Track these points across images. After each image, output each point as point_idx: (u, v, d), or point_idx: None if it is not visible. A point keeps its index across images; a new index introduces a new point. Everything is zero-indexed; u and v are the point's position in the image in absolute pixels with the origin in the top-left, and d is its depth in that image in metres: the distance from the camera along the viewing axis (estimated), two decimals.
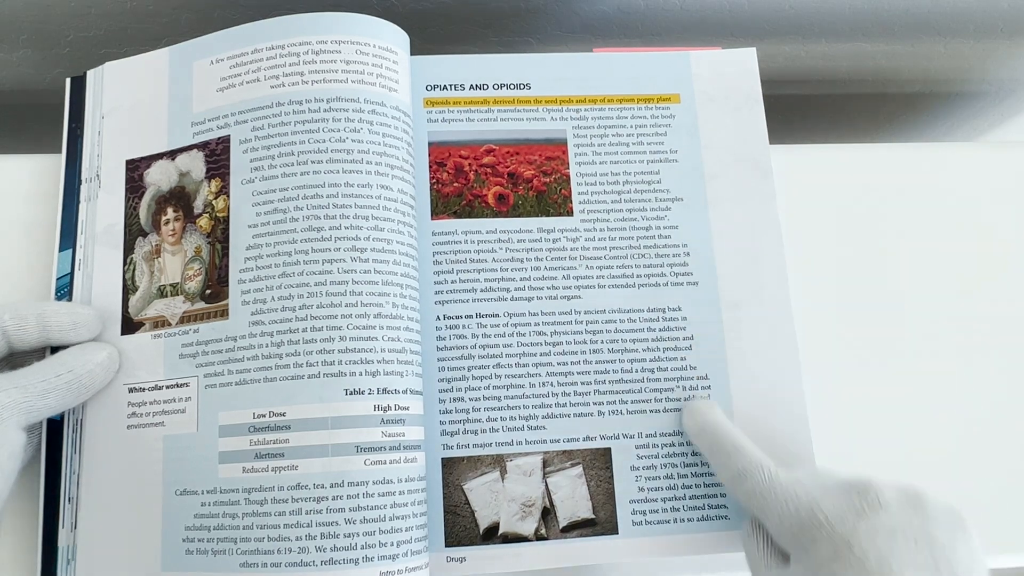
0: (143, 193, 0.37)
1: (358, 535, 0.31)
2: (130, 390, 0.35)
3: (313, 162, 0.34)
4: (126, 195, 0.37)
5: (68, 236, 0.37)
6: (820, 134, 0.66)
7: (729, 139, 0.40)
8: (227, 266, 0.34)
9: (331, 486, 0.31)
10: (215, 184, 0.36)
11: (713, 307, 0.38)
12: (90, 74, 0.39)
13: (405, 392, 0.33)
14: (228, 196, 0.35)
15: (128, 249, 0.37)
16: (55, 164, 0.39)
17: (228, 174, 0.35)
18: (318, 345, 0.32)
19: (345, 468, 0.31)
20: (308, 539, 0.31)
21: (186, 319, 0.35)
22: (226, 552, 0.32)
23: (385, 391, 0.32)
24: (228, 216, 0.35)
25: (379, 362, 0.33)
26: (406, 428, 0.33)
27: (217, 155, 0.36)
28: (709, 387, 0.37)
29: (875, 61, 0.56)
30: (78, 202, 0.38)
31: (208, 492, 0.33)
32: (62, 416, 0.35)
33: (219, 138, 0.36)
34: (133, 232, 0.37)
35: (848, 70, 0.57)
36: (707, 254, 0.38)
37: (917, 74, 0.58)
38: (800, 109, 0.62)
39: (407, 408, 0.33)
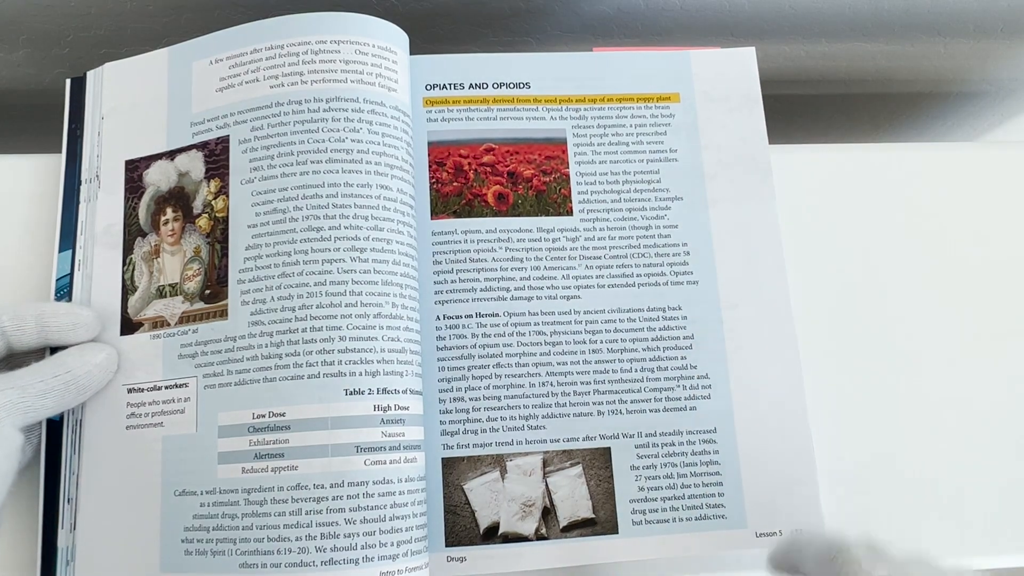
0: (142, 193, 0.37)
1: (358, 535, 0.31)
2: (129, 390, 0.35)
3: (312, 162, 0.34)
4: (125, 195, 0.37)
5: (68, 237, 0.37)
6: (820, 134, 0.66)
7: (729, 139, 0.40)
8: (226, 266, 0.34)
9: (331, 486, 0.31)
10: (214, 184, 0.36)
11: (713, 307, 0.38)
12: (90, 75, 0.39)
13: (405, 392, 0.33)
14: (227, 196, 0.35)
15: (127, 249, 0.37)
16: (55, 164, 0.39)
17: (227, 174, 0.35)
18: (318, 345, 0.32)
19: (345, 468, 0.31)
20: (308, 539, 0.31)
21: (185, 319, 0.35)
22: (225, 553, 0.32)
23: (385, 391, 0.32)
24: (227, 216, 0.35)
25: (379, 362, 0.33)
26: (406, 428, 0.33)
27: (216, 155, 0.36)
28: (710, 386, 0.37)
29: (875, 61, 0.56)
30: (78, 203, 0.38)
31: (207, 492, 0.33)
32: (61, 416, 0.35)
33: (218, 138, 0.36)
34: (132, 232, 0.37)
35: (848, 70, 0.57)
36: (707, 253, 0.38)
37: (917, 74, 0.58)
38: (800, 109, 0.62)
39: (407, 408, 0.33)
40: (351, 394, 0.32)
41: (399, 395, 0.33)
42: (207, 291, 0.35)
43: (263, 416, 0.32)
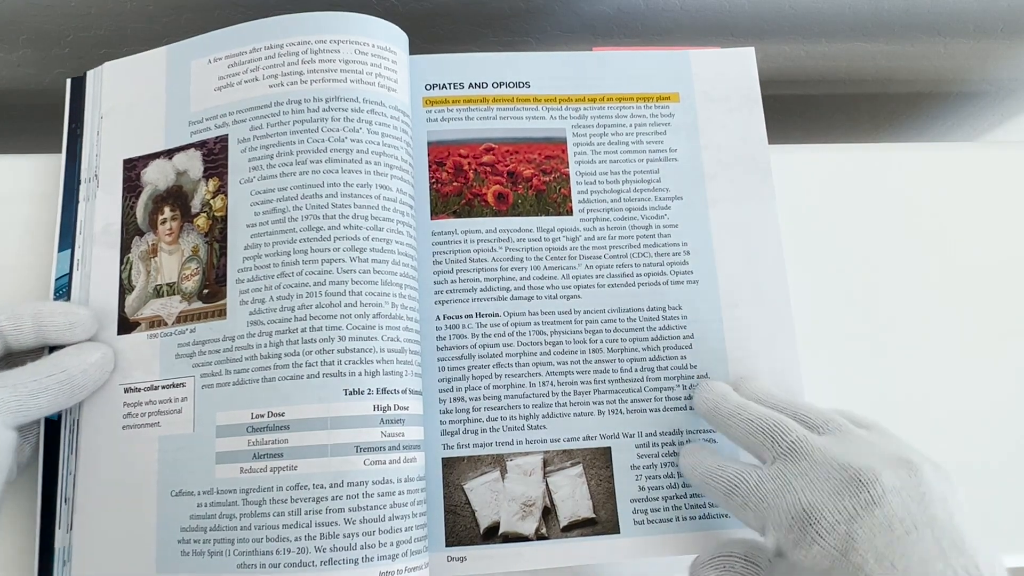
0: (140, 192, 0.37)
1: (358, 535, 0.31)
2: (126, 390, 0.35)
3: (312, 161, 0.34)
4: (124, 194, 0.37)
5: (67, 236, 0.37)
6: (820, 134, 0.66)
7: (728, 139, 0.40)
8: (225, 266, 0.34)
9: (331, 486, 0.31)
10: (213, 183, 0.35)
11: (713, 306, 0.38)
12: (90, 74, 0.39)
13: (404, 392, 0.33)
14: (226, 195, 0.35)
15: (125, 249, 0.37)
16: (55, 164, 0.39)
17: (226, 173, 0.35)
18: (317, 345, 0.32)
19: (345, 468, 0.31)
20: (307, 539, 0.31)
21: (183, 319, 0.35)
22: (223, 553, 0.32)
23: (384, 391, 0.32)
24: (226, 215, 0.35)
25: (378, 362, 0.32)
26: (405, 428, 0.33)
27: (215, 154, 0.36)
28: None
29: (875, 61, 0.56)
30: (77, 202, 0.38)
31: (204, 493, 0.32)
32: (59, 416, 0.35)
33: (217, 137, 0.36)
34: (130, 232, 0.37)
35: (848, 70, 0.57)
36: (707, 253, 0.38)
37: (917, 74, 0.58)
38: (800, 109, 0.62)
39: (406, 408, 0.33)
40: (351, 394, 0.32)
41: (398, 395, 0.33)
42: (205, 290, 0.35)
43: (262, 416, 0.32)
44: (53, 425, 0.35)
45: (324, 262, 0.33)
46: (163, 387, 0.34)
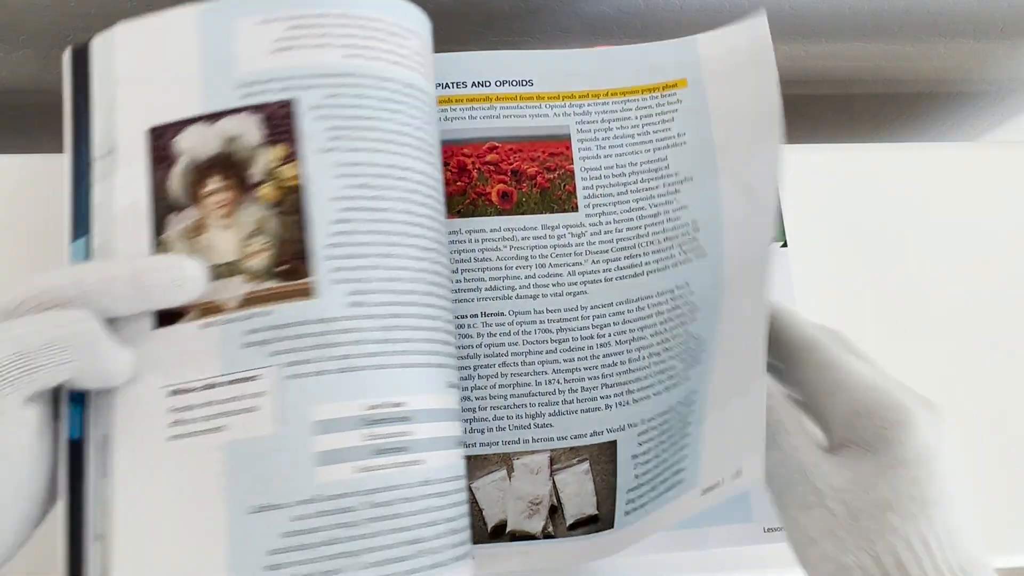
0: (173, 163, 0.32)
1: (466, 529, 0.30)
2: (172, 393, 0.29)
3: (399, 144, 0.32)
4: (153, 167, 0.32)
5: (82, 223, 0.32)
6: (821, 134, 0.66)
7: (737, 106, 0.38)
8: (304, 240, 0.30)
9: (452, 479, 0.30)
10: (279, 150, 0.31)
11: (718, 273, 0.35)
12: (96, 42, 0.33)
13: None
14: (298, 164, 0.31)
15: (158, 228, 0.31)
16: (57, 164, 0.38)
17: (294, 141, 0.31)
18: (424, 334, 0.30)
19: (455, 461, 0.30)
20: (437, 538, 0.29)
21: (251, 301, 0.29)
22: (341, 571, 0.27)
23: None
24: (301, 186, 0.31)
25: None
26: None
27: (279, 120, 0.31)
28: (704, 350, 0.35)
29: (875, 61, 0.56)
30: (89, 184, 0.32)
31: (302, 503, 0.28)
32: (81, 435, 0.29)
33: (281, 101, 0.31)
34: (162, 208, 0.31)
35: (848, 70, 0.57)
36: (716, 225, 0.36)
37: (917, 74, 0.59)
38: (800, 109, 0.62)
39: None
40: (450, 387, 0.31)
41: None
42: (282, 267, 0.30)
43: (377, 406, 0.29)
44: (74, 446, 0.29)
45: (422, 249, 0.31)
46: (228, 383, 0.29)
